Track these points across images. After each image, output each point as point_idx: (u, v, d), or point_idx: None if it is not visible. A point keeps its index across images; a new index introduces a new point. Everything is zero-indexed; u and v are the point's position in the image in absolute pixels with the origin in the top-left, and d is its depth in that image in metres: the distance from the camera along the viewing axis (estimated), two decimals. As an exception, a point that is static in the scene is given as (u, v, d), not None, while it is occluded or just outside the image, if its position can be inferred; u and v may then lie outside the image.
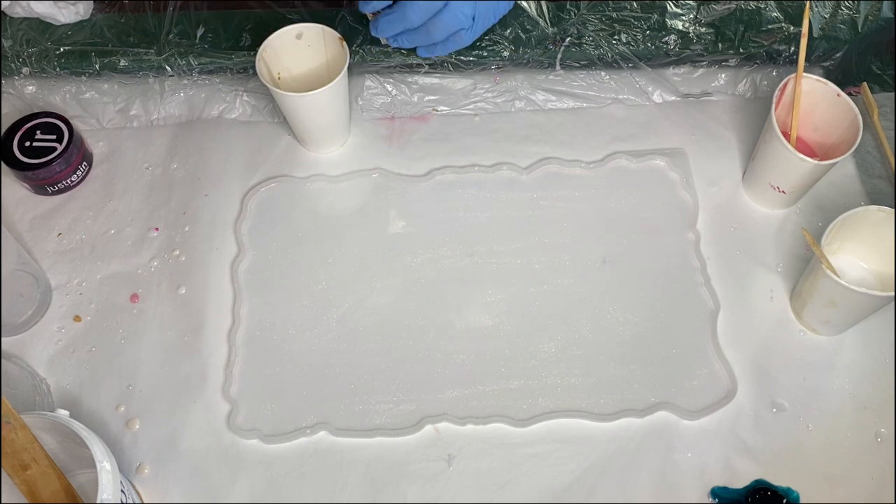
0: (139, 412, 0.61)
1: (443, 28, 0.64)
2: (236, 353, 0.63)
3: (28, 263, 0.64)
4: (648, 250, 0.68)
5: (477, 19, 0.65)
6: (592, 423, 0.60)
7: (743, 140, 0.74)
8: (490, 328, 0.64)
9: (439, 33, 0.64)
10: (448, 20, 0.63)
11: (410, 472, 0.59)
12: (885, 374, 0.62)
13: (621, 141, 0.73)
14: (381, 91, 0.76)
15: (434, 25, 0.63)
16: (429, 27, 0.64)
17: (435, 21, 0.63)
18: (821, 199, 0.70)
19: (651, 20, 0.72)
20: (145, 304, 0.66)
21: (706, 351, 0.63)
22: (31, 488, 0.52)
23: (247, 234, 0.69)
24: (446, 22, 0.63)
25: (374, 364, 0.63)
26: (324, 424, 0.60)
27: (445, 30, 0.64)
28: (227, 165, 0.73)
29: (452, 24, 0.63)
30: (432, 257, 0.68)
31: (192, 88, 0.76)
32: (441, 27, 0.64)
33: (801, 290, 0.63)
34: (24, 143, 0.70)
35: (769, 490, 0.57)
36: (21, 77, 0.75)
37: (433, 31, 0.64)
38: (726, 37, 0.73)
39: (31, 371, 0.62)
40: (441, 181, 0.71)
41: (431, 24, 0.63)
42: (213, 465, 0.59)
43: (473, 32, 0.66)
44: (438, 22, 0.63)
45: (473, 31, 0.66)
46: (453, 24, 0.63)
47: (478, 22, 0.65)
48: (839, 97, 0.64)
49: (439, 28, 0.64)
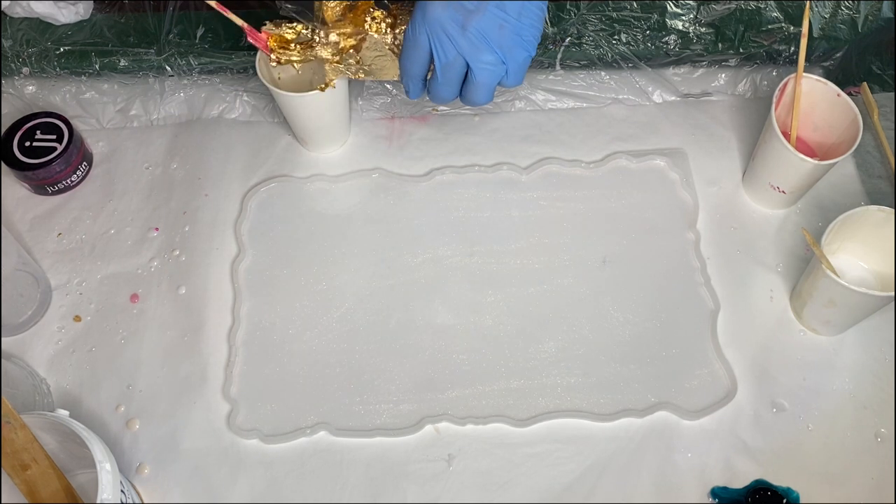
0: (139, 412, 0.61)
1: (479, 90, 0.58)
2: (236, 353, 0.63)
3: (28, 263, 0.64)
4: (648, 250, 0.68)
5: (508, 62, 0.57)
6: (592, 423, 0.60)
7: (743, 140, 0.74)
8: (490, 328, 0.64)
9: (479, 96, 0.59)
10: (480, 80, 0.57)
11: (410, 472, 0.59)
12: (885, 374, 0.62)
13: (621, 141, 0.73)
14: (381, 91, 0.76)
15: (469, 92, 0.58)
16: (466, 94, 0.59)
17: (468, 87, 0.58)
18: (821, 199, 0.70)
19: (651, 20, 0.72)
20: (145, 304, 0.66)
21: (706, 351, 0.63)
22: (31, 488, 0.52)
23: (247, 234, 0.69)
24: (478, 82, 0.57)
25: (374, 364, 0.63)
26: (324, 424, 0.61)
27: (484, 90, 0.58)
28: (227, 165, 0.73)
29: (487, 81, 0.57)
30: (432, 257, 0.68)
31: (192, 88, 0.76)
32: (476, 91, 0.58)
33: (801, 290, 0.63)
34: (24, 143, 0.70)
35: (769, 490, 0.57)
36: (21, 77, 0.75)
37: (472, 97, 0.59)
38: (726, 37, 0.73)
39: (31, 371, 0.62)
40: (441, 181, 0.71)
41: (467, 91, 0.59)
42: (213, 465, 0.59)
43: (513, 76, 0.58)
44: (470, 86, 0.58)
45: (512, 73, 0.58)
46: (488, 82, 0.58)
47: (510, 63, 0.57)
48: (839, 97, 0.64)
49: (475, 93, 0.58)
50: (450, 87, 0.59)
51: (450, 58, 0.57)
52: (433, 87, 0.59)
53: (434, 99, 0.61)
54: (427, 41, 0.57)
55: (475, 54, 0.56)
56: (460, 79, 0.59)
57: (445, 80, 0.58)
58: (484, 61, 0.56)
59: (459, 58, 0.57)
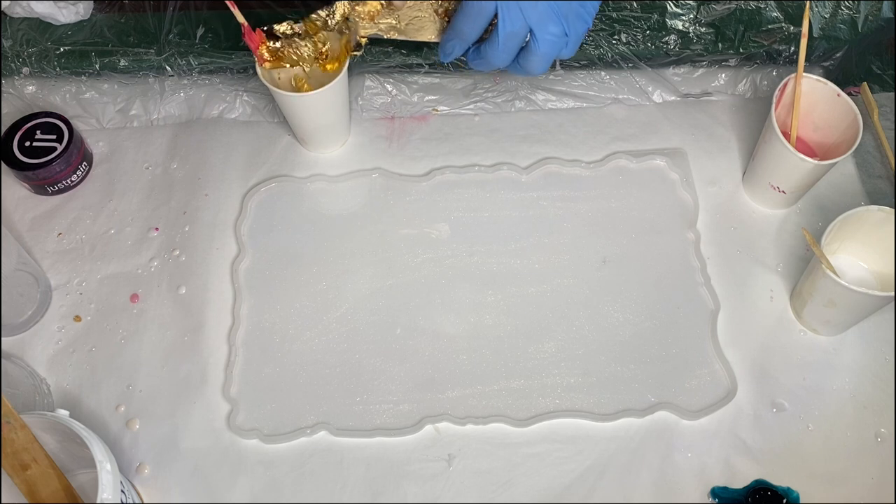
0: (139, 412, 0.61)
1: (539, 60, 0.56)
2: (236, 353, 0.63)
3: (28, 263, 0.64)
4: (648, 250, 0.68)
5: (570, 33, 0.56)
6: (592, 423, 0.60)
7: (743, 140, 0.74)
8: (490, 328, 0.64)
9: (538, 66, 0.57)
10: (543, 50, 0.56)
11: (410, 472, 0.59)
12: (885, 374, 0.62)
13: (621, 141, 0.73)
14: (381, 91, 0.76)
15: (528, 62, 0.57)
16: (523, 63, 0.57)
17: (527, 56, 0.57)
18: (821, 199, 0.70)
19: (651, 20, 0.72)
20: (145, 304, 0.66)
21: (706, 351, 0.63)
22: (31, 488, 0.52)
23: (247, 234, 0.69)
24: (541, 53, 0.56)
25: (374, 364, 0.63)
26: (324, 424, 0.61)
27: (543, 61, 0.57)
28: (227, 165, 0.73)
29: (549, 52, 0.56)
30: (432, 257, 0.68)
31: (192, 88, 0.76)
32: (536, 61, 0.57)
33: (801, 290, 0.63)
34: (24, 143, 0.70)
35: (769, 490, 0.57)
36: (21, 77, 0.75)
37: (530, 66, 0.57)
38: (726, 37, 0.73)
39: (31, 371, 0.62)
40: (441, 181, 0.71)
41: (524, 61, 0.57)
42: (213, 465, 0.59)
43: (571, 47, 0.57)
44: (531, 56, 0.56)
45: (570, 45, 0.57)
46: (550, 53, 0.56)
47: (571, 35, 0.56)
48: (839, 97, 0.64)
49: (535, 63, 0.57)
50: (508, 54, 0.57)
51: (516, 27, 0.55)
52: (489, 52, 0.57)
53: (481, 63, 0.58)
54: (493, 6, 0.55)
55: (543, 25, 0.55)
56: (519, 47, 0.57)
57: (506, 48, 0.56)
58: (550, 32, 0.55)
59: (526, 27, 0.55)
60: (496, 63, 0.58)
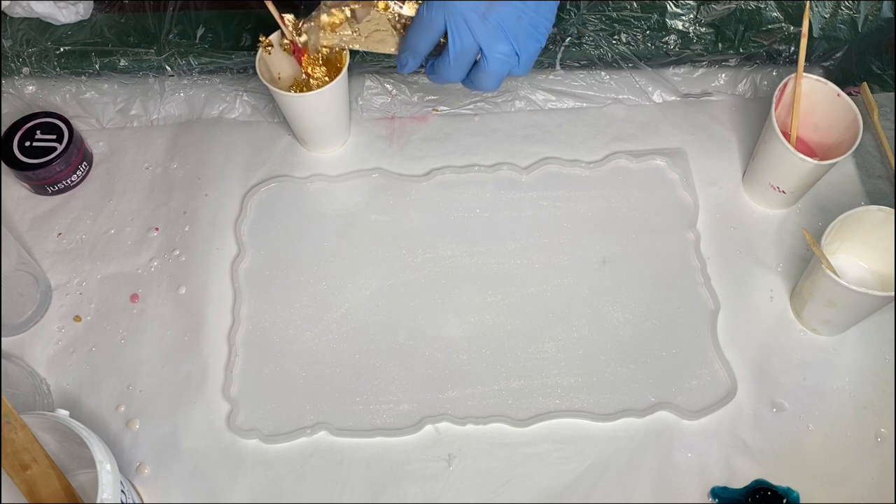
0: (139, 412, 0.61)
1: (490, 78, 0.57)
2: (236, 353, 0.63)
3: (28, 263, 0.64)
4: (648, 250, 0.68)
5: (521, 53, 0.57)
6: (592, 423, 0.60)
7: (743, 140, 0.74)
8: (490, 328, 0.64)
9: (488, 83, 0.58)
10: (493, 69, 0.57)
11: (410, 472, 0.59)
12: (885, 374, 0.62)
13: (621, 141, 0.73)
14: (381, 91, 0.76)
15: (478, 79, 0.58)
16: (474, 80, 0.58)
17: (477, 74, 0.58)
18: (821, 199, 0.70)
19: (651, 20, 0.72)
20: (145, 304, 0.66)
21: (706, 351, 0.63)
22: (31, 488, 0.52)
23: (247, 234, 0.69)
24: (490, 71, 0.57)
25: (374, 364, 0.63)
26: (324, 424, 0.61)
27: (493, 79, 0.57)
28: (227, 165, 0.73)
29: (499, 70, 0.57)
30: (432, 257, 0.68)
31: (192, 88, 0.76)
32: (487, 79, 0.57)
33: (801, 290, 0.63)
34: (24, 143, 0.70)
35: (769, 490, 0.57)
36: (21, 77, 0.75)
37: (481, 83, 0.58)
38: (726, 37, 0.73)
39: (31, 371, 0.62)
40: (441, 181, 0.71)
41: (475, 77, 0.58)
42: (213, 465, 0.59)
43: (524, 66, 0.58)
44: (481, 74, 0.57)
45: (522, 64, 0.58)
46: (500, 71, 0.57)
47: (522, 54, 0.57)
48: (839, 97, 0.64)
49: (485, 80, 0.58)
50: (460, 70, 0.58)
51: (465, 45, 0.56)
52: (441, 67, 0.58)
53: (436, 78, 0.60)
54: (443, 23, 0.56)
55: (491, 44, 0.56)
56: (470, 64, 0.58)
57: (457, 64, 0.57)
58: (499, 51, 0.56)
59: (475, 45, 0.56)
60: (449, 78, 0.59)
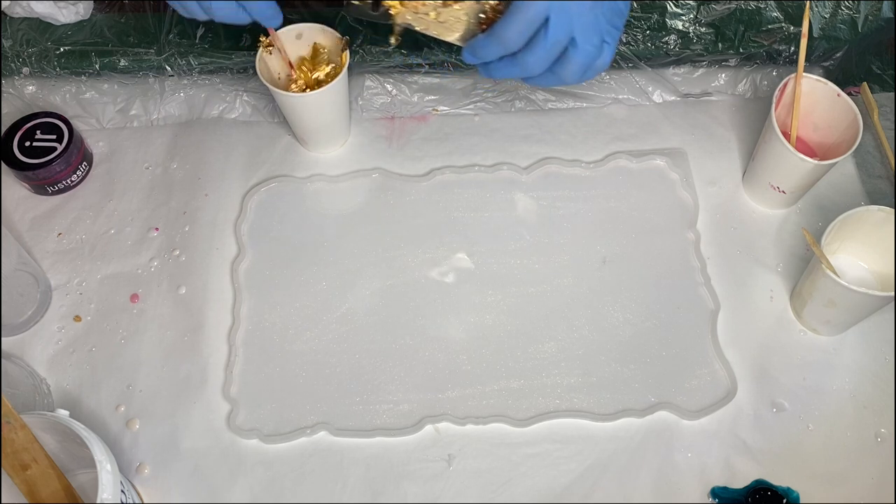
0: (139, 412, 0.61)
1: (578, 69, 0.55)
2: (236, 353, 0.63)
3: (28, 263, 0.64)
4: (648, 250, 0.68)
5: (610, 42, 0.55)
6: (592, 423, 0.60)
7: (743, 140, 0.74)
8: (490, 328, 0.64)
9: (575, 75, 0.55)
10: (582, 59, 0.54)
11: (410, 472, 0.59)
12: (885, 374, 0.62)
13: (621, 141, 0.73)
14: (381, 91, 0.76)
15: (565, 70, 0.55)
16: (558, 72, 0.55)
17: (564, 65, 0.54)
18: (821, 199, 0.70)
19: (651, 20, 0.72)
20: (145, 304, 0.66)
21: (706, 351, 0.63)
22: (31, 488, 0.52)
23: (247, 234, 0.69)
24: (579, 62, 0.54)
25: (374, 364, 0.63)
26: (324, 424, 0.61)
27: (581, 70, 0.55)
28: (227, 165, 0.73)
29: (586, 62, 0.54)
30: (432, 257, 0.68)
31: (192, 88, 0.76)
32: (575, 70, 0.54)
33: (801, 290, 0.63)
34: (24, 143, 0.70)
35: (769, 490, 0.57)
36: (21, 77, 0.75)
37: (567, 75, 0.55)
38: (726, 37, 0.73)
39: (31, 371, 0.62)
40: (441, 181, 0.71)
41: (561, 69, 0.55)
42: (213, 465, 0.59)
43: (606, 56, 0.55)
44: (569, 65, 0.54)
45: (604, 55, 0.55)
46: (587, 62, 0.54)
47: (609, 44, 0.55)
48: (839, 97, 0.64)
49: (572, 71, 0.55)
50: (548, 62, 0.55)
51: (561, 36, 0.53)
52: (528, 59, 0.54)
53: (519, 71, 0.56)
54: (544, 15, 0.53)
55: (589, 36, 0.54)
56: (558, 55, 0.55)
57: (548, 55, 0.54)
58: (592, 42, 0.54)
59: (571, 37, 0.54)
60: (534, 70, 0.55)
